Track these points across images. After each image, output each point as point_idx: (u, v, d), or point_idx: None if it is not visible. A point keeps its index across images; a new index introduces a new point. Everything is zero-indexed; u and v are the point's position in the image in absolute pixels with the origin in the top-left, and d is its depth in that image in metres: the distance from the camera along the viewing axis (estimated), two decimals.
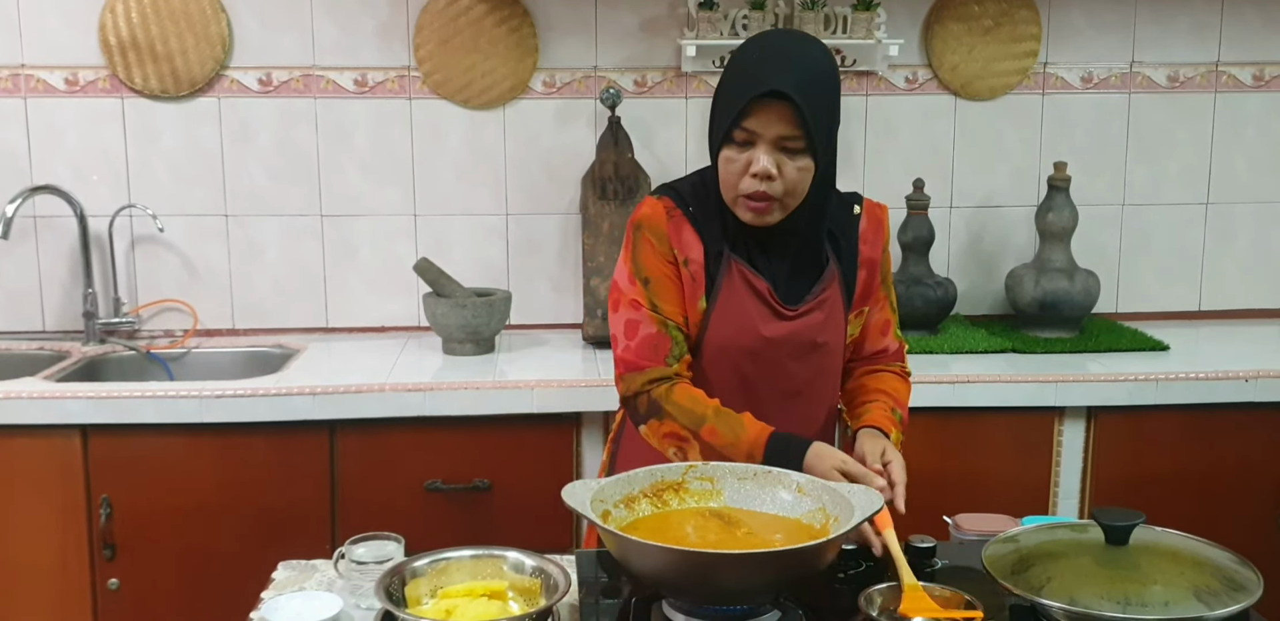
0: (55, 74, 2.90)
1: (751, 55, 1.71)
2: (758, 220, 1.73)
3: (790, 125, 1.66)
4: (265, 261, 3.01)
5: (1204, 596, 1.36)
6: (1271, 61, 3.13)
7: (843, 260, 1.83)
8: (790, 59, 1.68)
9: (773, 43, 1.74)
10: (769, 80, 1.64)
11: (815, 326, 1.80)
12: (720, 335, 1.79)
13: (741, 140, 1.68)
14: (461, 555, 1.57)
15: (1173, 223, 3.18)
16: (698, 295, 1.79)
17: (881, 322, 1.91)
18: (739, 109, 1.66)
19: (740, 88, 1.67)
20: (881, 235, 1.87)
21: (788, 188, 1.70)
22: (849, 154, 3.08)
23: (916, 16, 3.04)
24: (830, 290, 1.81)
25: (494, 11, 2.93)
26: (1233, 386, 2.62)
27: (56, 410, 2.44)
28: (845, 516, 1.46)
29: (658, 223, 1.79)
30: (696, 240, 1.78)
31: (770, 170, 1.67)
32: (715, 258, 1.78)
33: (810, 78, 1.67)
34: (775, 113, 1.65)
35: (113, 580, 2.50)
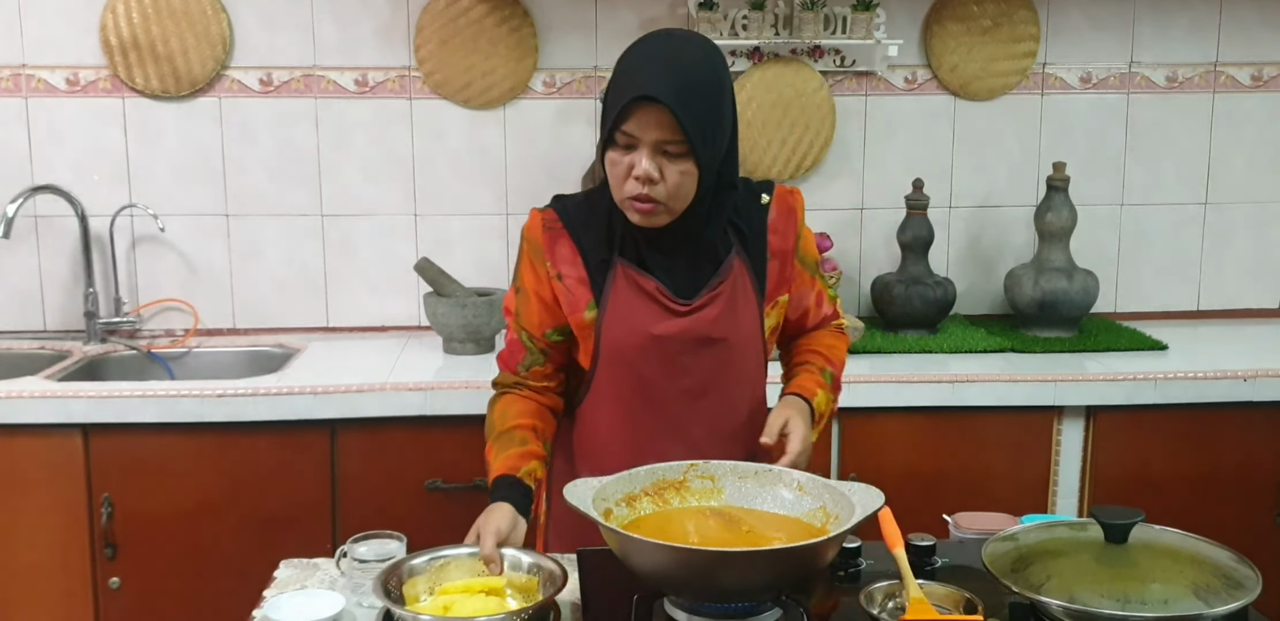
0: (56, 74, 2.91)
1: (630, 60, 1.70)
2: (645, 222, 1.72)
3: (669, 130, 1.64)
4: (266, 261, 3.01)
5: (1203, 594, 1.36)
6: (1270, 61, 3.13)
7: (750, 252, 1.81)
8: (667, 63, 1.66)
9: (652, 46, 1.71)
10: (643, 84, 1.63)
11: (709, 321, 1.77)
12: (612, 338, 1.78)
13: (624, 143, 1.67)
14: (459, 553, 1.58)
15: (1171, 223, 3.19)
16: (580, 306, 1.79)
17: (815, 296, 1.92)
18: (617, 112, 1.65)
19: (619, 91, 1.67)
20: (793, 223, 1.85)
21: (670, 191, 1.68)
22: (848, 154, 3.09)
23: (916, 17, 3.05)
24: (728, 284, 1.78)
25: (494, 12, 2.93)
26: (1231, 386, 2.63)
27: (58, 409, 2.44)
28: (845, 515, 1.47)
29: (535, 235, 1.82)
30: (573, 252, 1.79)
31: (651, 174, 1.66)
32: (600, 266, 1.78)
33: (687, 81, 1.64)
34: (653, 117, 1.63)
35: (114, 579, 2.51)
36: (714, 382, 1.81)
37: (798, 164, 3.04)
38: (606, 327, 1.78)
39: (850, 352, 2.74)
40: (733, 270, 1.79)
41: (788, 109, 3.01)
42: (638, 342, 1.77)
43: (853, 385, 2.56)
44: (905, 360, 2.75)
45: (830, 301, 1.97)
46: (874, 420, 2.60)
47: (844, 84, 3.06)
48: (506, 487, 1.70)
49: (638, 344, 1.77)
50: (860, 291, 3.12)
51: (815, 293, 1.92)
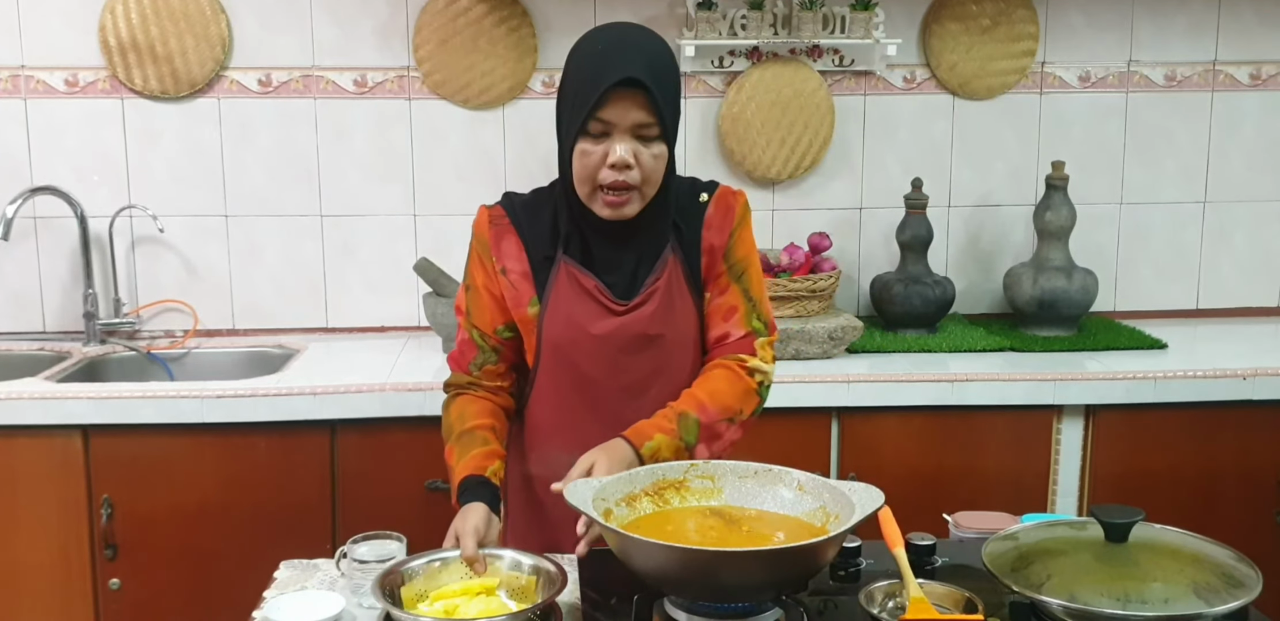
0: (55, 75, 2.91)
1: (594, 47, 1.71)
2: (616, 214, 1.72)
3: (645, 112, 1.67)
4: (265, 262, 3.01)
5: (1203, 593, 1.37)
6: (1268, 60, 3.14)
7: (685, 248, 1.80)
8: (637, 47, 1.69)
9: (615, 34, 1.74)
10: (622, 68, 1.65)
11: (644, 319, 1.77)
12: (553, 336, 1.79)
13: (597, 132, 1.68)
14: (456, 555, 1.58)
15: (1170, 221, 3.19)
16: (523, 301, 1.79)
17: (724, 308, 1.83)
18: (594, 99, 1.65)
19: (592, 78, 1.67)
20: (730, 220, 1.82)
21: (645, 176, 1.70)
22: (847, 154, 3.09)
23: (914, 16, 3.05)
24: (664, 280, 1.78)
25: (493, 12, 2.93)
26: (1230, 384, 2.63)
27: (57, 410, 2.44)
28: (845, 514, 1.47)
29: (481, 231, 1.83)
30: (518, 248, 1.80)
31: (628, 159, 1.67)
32: (543, 262, 1.79)
33: (659, 65, 1.69)
34: (630, 101, 1.66)
35: (114, 580, 2.51)
36: (653, 379, 1.81)
37: (797, 163, 3.04)
38: (547, 324, 1.79)
39: (849, 351, 2.78)
40: (668, 266, 1.79)
41: (786, 108, 3.01)
42: (576, 340, 1.78)
43: (852, 384, 2.58)
44: (905, 359, 2.75)
45: (746, 324, 1.82)
46: (874, 419, 2.60)
47: (843, 83, 3.06)
48: (476, 487, 1.69)
49: (577, 342, 1.78)
50: (860, 290, 3.13)
51: (728, 306, 1.83)
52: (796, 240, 2.99)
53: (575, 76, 1.72)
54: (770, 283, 2.78)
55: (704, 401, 1.76)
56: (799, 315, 2.80)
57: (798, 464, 1.64)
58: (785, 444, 2.52)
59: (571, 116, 1.70)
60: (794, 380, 2.57)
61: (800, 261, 2.88)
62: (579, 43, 1.76)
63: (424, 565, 1.56)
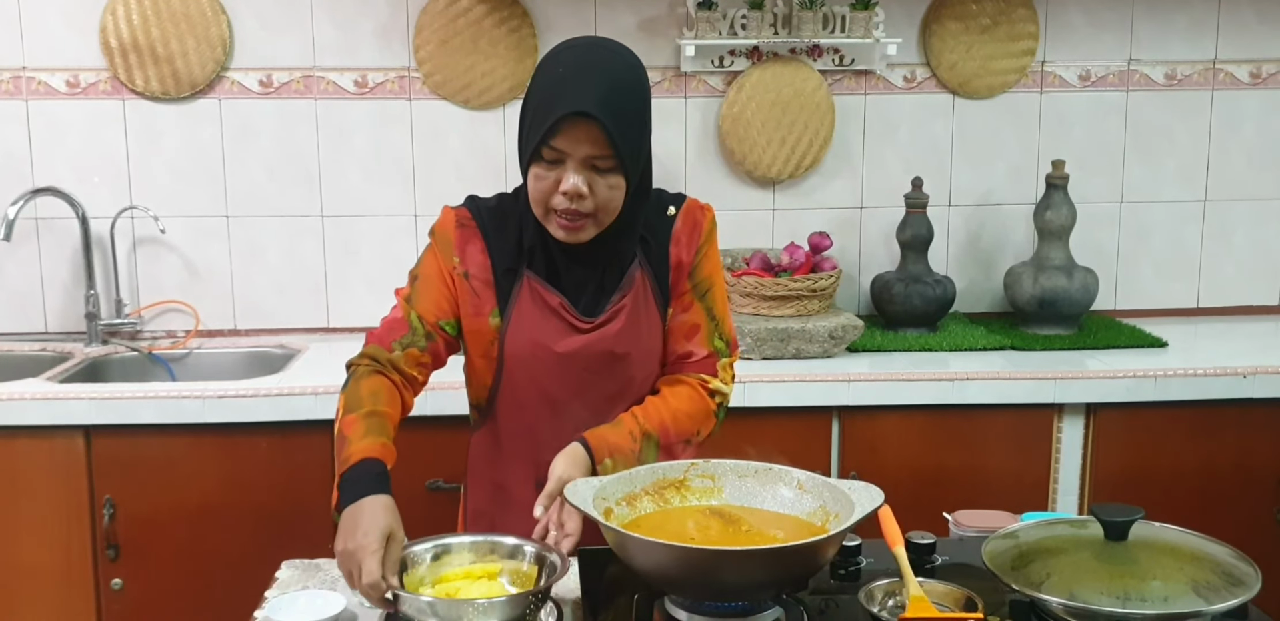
0: (56, 76, 2.91)
1: (555, 71, 1.64)
2: (571, 238, 1.68)
3: (599, 145, 1.60)
4: (266, 262, 3.02)
5: (1203, 591, 1.37)
6: (1268, 59, 3.14)
7: (653, 263, 1.76)
8: (594, 75, 1.61)
9: (577, 58, 1.65)
10: (574, 100, 1.58)
11: (610, 337, 1.73)
12: (516, 352, 1.75)
13: (550, 158, 1.63)
14: (461, 541, 1.58)
15: (1170, 220, 3.19)
16: (485, 310, 1.75)
17: (686, 326, 1.79)
18: (545, 128, 1.60)
19: (545, 106, 1.61)
20: (696, 236, 1.78)
21: (599, 204, 1.65)
22: (848, 153, 3.09)
23: (914, 15, 3.05)
24: (630, 297, 1.74)
25: (493, 12, 2.94)
26: (1231, 382, 2.63)
27: (59, 411, 2.45)
28: (845, 513, 1.47)
29: (446, 231, 1.78)
30: (483, 255, 1.76)
31: (581, 189, 1.62)
32: (506, 273, 1.75)
33: (616, 94, 1.61)
34: (582, 132, 1.59)
35: (116, 580, 2.51)
36: (619, 397, 1.78)
37: (797, 163, 3.05)
38: (510, 340, 1.75)
39: (850, 350, 2.78)
40: (635, 282, 1.75)
41: (787, 108, 3.01)
42: (540, 358, 1.74)
43: (852, 383, 2.58)
44: (905, 358, 2.75)
45: (708, 344, 1.79)
46: (874, 418, 2.60)
47: (843, 83, 3.06)
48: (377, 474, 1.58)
49: (540, 359, 1.74)
50: (860, 290, 3.13)
51: (690, 324, 1.79)
52: (797, 239, 2.99)
53: (534, 98, 1.66)
54: (770, 282, 2.78)
55: (667, 423, 1.74)
56: (799, 314, 2.81)
57: (798, 463, 1.65)
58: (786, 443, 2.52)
59: (526, 140, 1.67)
60: (794, 379, 2.57)
61: (800, 261, 2.88)
62: (546, 58, 1.69)
63: (426, 551, 1.56)
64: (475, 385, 1.85)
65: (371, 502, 1.53)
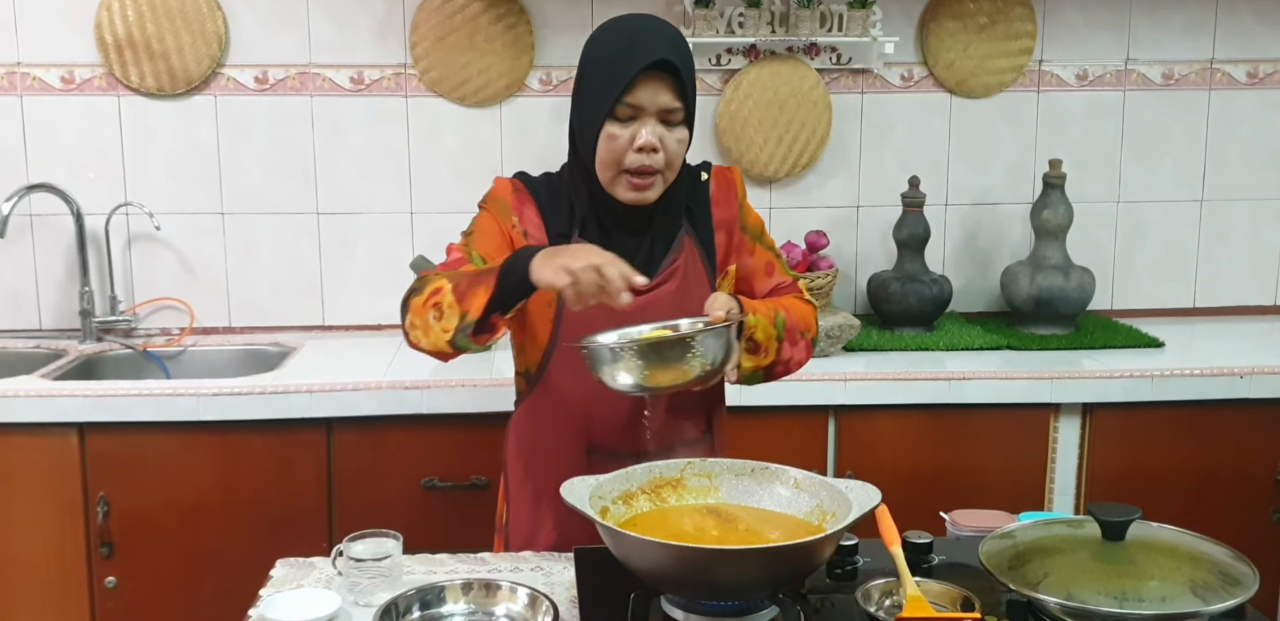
0: (51, 72, 2.90)
1: (620, 35, 1.74)
2: (639, 198, 1.75)
3: (673, 96, 1.71)
4: (262, 259, 3.01)
5: (1200, 591, 1.36)
6: (1266, 59, 3.14)
7: (697, 228, 1.84)
8: (663, 34, 1.72)
9: (637, 22, 1.76)
10: (653, 51, 1.68)
11: (667, 298, 1.79)
12: (574, 317, 1.76)
13: (624, 116, 1.71)
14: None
15: (1167, 219, 3.19)
16: None
17: (762, 265, 1.90)
18: (625, 82, 1.68)
19: (621, 63, 1.69)
20: (733, 193, 1.89)
21: (669, 159, 1.74)
22: (845, 152, 3.09)
23: (912, 14, 3.05)
24: (682, 259, 1.81)
25: (490, 9, 2.93)
26: (1227, 382, 2.63)
27: (53, 408, 2.44)
28: (842, 512, 1.47)
29: (502, 196, 1.83)
30: (538, 220, 1.81)
31: (655, 142, 1.71)
32: (559, 239, 1.79)
33: (684, 51, 1.73)
34: (659, 84, 1.69)
35: (110, 578, 2.50)
36: None
37: (794, 162, 3.04)
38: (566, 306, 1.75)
39: (846, 350, 2.78)
40: (684, 248, 1.82)
41: (784, 107, 3.00)
42: (599, 315, 1.73)
43: (849, 382, 2.57)
44: (902, 358, 2.75)
45: (785, 273, 1.93)
46: (871, 417, 2.60)
47: (840, 81, 3.06)
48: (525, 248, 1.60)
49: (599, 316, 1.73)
50: (857, 289, 3.12)
51: (764, 262, 1.91)
52: (794, 238, 2.99)
53: (602, 61, 1.73)
54: None
55: (789, 308, 1.82)
56: None
57: (795, 462, 1.65)
58: (782, 442, 2.53)
59: (599, 100, 1.72)
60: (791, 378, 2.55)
61: (797, 259, 2.88)
62: (601, 31, 1.77)
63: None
64: (529, 349, 1.85)
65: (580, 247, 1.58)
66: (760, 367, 1.78)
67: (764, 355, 1.77)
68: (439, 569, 1.72)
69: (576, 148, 1.80)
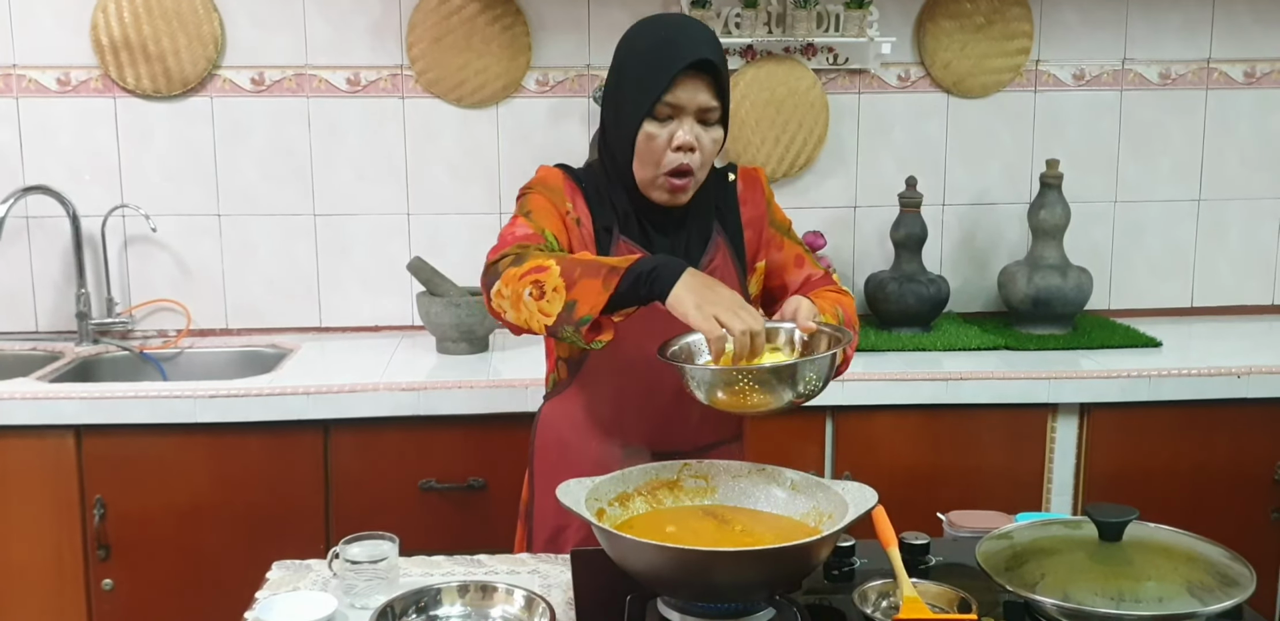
0: (47, 74, 2.90)
1: (658, 35, 1.74)
2: (673, 199, 1.76)
3: (711, 95, 1.71)
4: (258, 261, 3.01)
5: (1197, 592, 1.36)
6: (1263, 58, 3.14)
7: (728, 228, 1.86)
8: (701, 34, 1.73)
9: (674, 22, 1.77)
10: (694, 51, 1.69)
11: None
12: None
13: (663, 115, 1.72)
14: None
15: (1165, 219, 3.19)
16: None
17: (791, 258, 1.91)
18: (666, 82, 1.68)
19: (660, 63, 1.70)
20: (759, 192, 1.90)
21: (704, 159, 1.75)
22: (842, 152, 3.08)
23: (909, 14, 3.05)
24: (718, 259, 1.83)
25: (486, 10, 2.93)
26: (1225, 382, 2.63)
27: (50, 411, 2.44)
28: (839, 514, 1.47)
29: (554, 182, 1.82)
30: (586, 210, 1.81)
31: (693, 142, 1.71)
32: (604, 233, 1.80)
33: (719, 50, 1.73)
34: (698, 84, 1.70)
35: (107, 580, 2.50)
36: None
37: (791, 162, 3.04)
38: None
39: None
40: (718, 247, 1.84)
41: (781, 107, 3.00)
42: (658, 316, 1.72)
43: (846, 383, 2.57)
44: (899, 358, 2.74)
45: (815, 266, 1.93)
46: (868, 418, 2.60)
47: (837, 82, 3.06)
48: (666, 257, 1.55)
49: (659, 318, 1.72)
50: (854, 289, 3.12)
51: (793, 256, 1.92)
52: None
53: (641, 60, 1.74)
54: None
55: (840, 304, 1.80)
56: None
57: (792, 463, 1.64)
58: (780, 443, 2.53)
59: (638, 100, 1.72)
60: None
61: None
62: (636, 30, 1.78)
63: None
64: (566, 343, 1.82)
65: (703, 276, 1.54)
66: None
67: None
68: (435, 571, 1.71)
69: (609, 147, 1.81)
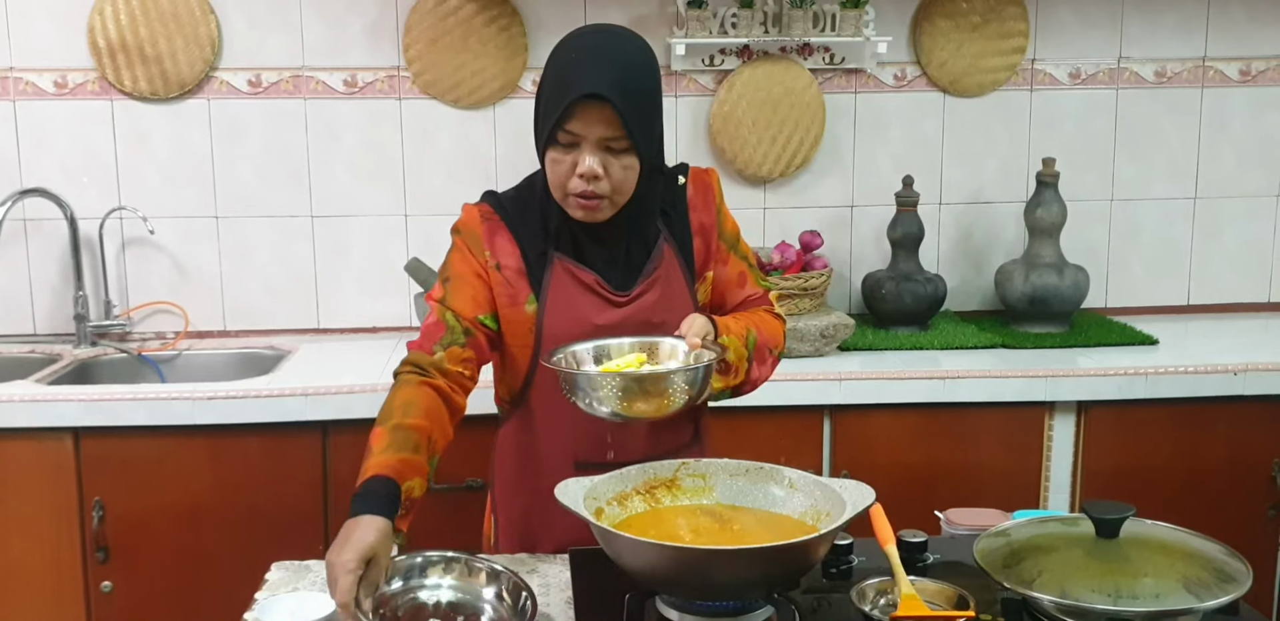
0: (44, 77, 2.90)
1: (568, 56, 1.69)
2: (589, 217, 1.73)
3: (612, 126, 1.65)
4: (256, 263, 3.01)
5: (1194, 588, 1.37)
6: (1258, 56, 3.14)
7: (675, 234, 1.82)
8: (606, 58, 1.67)
9: (588, 42, 1.72)
10: (586, 83, 1.63)
11: (648, 307, 1.78)
12: (554, 329, 1.77)
13: (566, 142, 1.68)
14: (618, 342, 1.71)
15: (1161, 217, 3.19)
16: (520, 299, 1.77)
17: (735, 275, 1.88)
18: (559, 112, 1.64)
19: (559, 90, 1.66)
20: (711, 198, 1.86)
21: (614, 186, 1.69)
22: (838, 152, 3.09)
23: (905, 14, 3.05)
24: (663, 268, 1.80)
25: (483, 11, 2.93)
26: (1221, 380, 2.63)
27: (48, 413, 2.44)
28: (836, 512, 1.47)
29: (473, 226, 1.81)
30: (512, 245, 1.79)
31: (596, 171, 1.66)
32: (538, 258, 1.78)
33: (627, 76, 1.66)
34: (596, 114, 1.64)
35: (106, 582, 2.50)
36: None
37: (788, 162, 3.04)
38: (548, 320, 1.77)
39: (841, 349, 2.78)
40: (663, 255, 1.80)
41: (778, 107, 3.01)
42: (581, 332, 1.75)
43: (844, 382, 2.58)
44: (897, 356, 2.75)
45: (757, 284, 1.91)
46: (866, 417, 2.60)
47: (834, 81, 3.06)
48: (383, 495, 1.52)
49: (581, 334, 1.75)
50: (851, 288, 3.13)
51: (737, 273, 1.88)
52: (788, 238, 2.99)
53: (547, 84, 1.71)
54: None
55: (759, 326, 1.81)
56: (791, 313, 2.80)
57: (790, 461, 1.65)
58: (777, 441, 2.53)
59: (542, 125, 1.70)
60: (786, 378, 2.57)
61: (792, 260, 2.88)
62: (557, 47, 1.74)
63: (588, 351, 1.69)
64: (509, 376, 1.85)
65: (366, 522, 1.49)
66: (729, 387, 1.77)
67: (734, 376, 1.75)
68: None
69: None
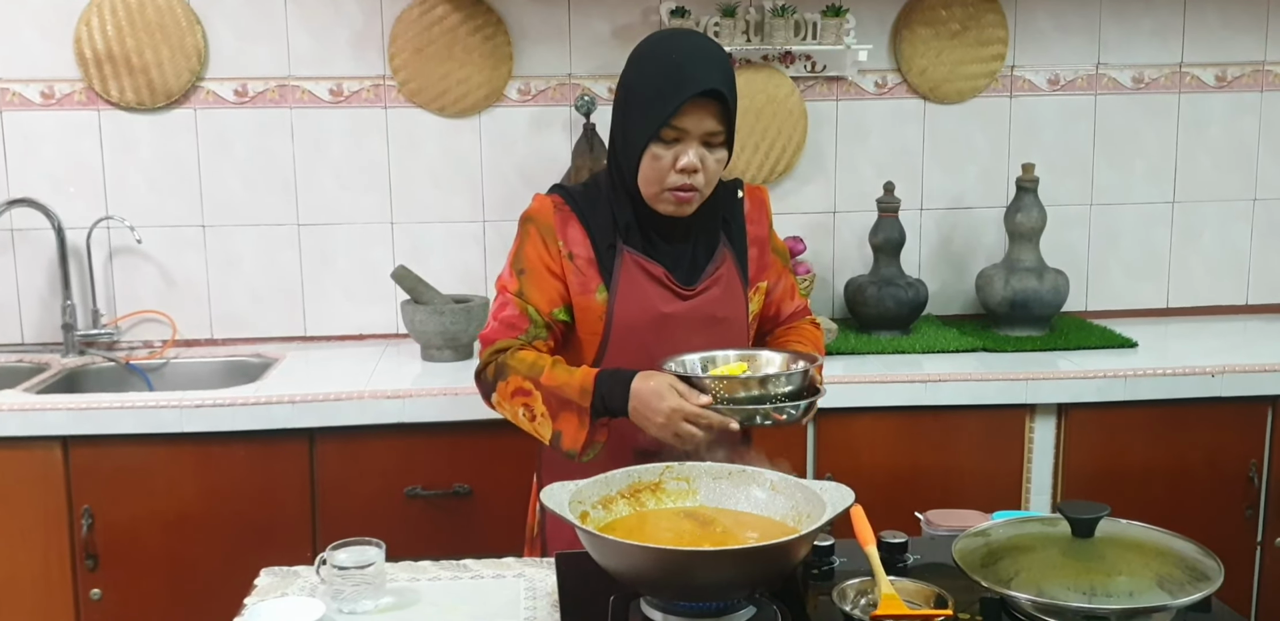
0: (31, 87, 2.91)
1: (670, 56, 1.79)
2: (679, 211, 1.83)
3: (716, 121, 1.78)
4: (243, 271, 3.02)
5: (1167, 585, 1.39)
6: (1233, 62, 3.18)
7: (734, 241, 1.93)
8: (712, 58, 1.79)
9: (688, 43, 1.82)
10: (703, 80, 1.74)
11: (713, 302, 1.89)
12: (624, 316, 1.85)
13: (670, 138, 1.78)
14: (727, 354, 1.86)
15: (1139, 222, 3.23)
16: (591, 287, 1.86)
17: (789, 287, 2.03)
18: (672, 109, 1.74)
19: (670, 88, 1.75)
20: (765, 213, 1.99)
21: (708, 179, 1.82)
22: (820, 158, 3.11)
23: (885, 22, 3.08)
24: (724, 268, 1.90)
25: (468, 20, 2.95)
26: (1199, 381, 2.66)
27: (36, 422, 2.45)
28: (817, 513, 1.49)
29: (545, 216, 1.88)
30: (583, 235, 1.87)
31: (698, 165, 1.78)
32: (607, 250, 1.86)
33: (729, 75, 1.80)
34: (704, 110, 1.76)
35: (95, 590, 2.51)
36: None
37: (771, 168, 3.07)
38: (619, 308, 1.85)
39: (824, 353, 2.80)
40: (724, 257, 1.90)
41: (760, 114, 3.03)
42: (648, 321, 1.85)
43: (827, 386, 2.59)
44: (879, 360, 2.77)
45: (801, 297, 2.07)
46: (848, 420, 2.62)
47: (815, 89, 3.09)
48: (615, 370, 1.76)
49: (648, 322, 1.84)
50: (834, 293, 3.15)
51: (789, 286, 2.03)
52: None
53: (650, 83, 1.79)
54: None
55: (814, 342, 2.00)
56: None
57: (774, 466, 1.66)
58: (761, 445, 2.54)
59: (646, 123, 1.78)
60: None
61: None
62: (647, 49, 1.83)
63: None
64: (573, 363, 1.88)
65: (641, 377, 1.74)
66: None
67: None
68: (422, 576, 1.73)
69: (617, 161, 1.86)
